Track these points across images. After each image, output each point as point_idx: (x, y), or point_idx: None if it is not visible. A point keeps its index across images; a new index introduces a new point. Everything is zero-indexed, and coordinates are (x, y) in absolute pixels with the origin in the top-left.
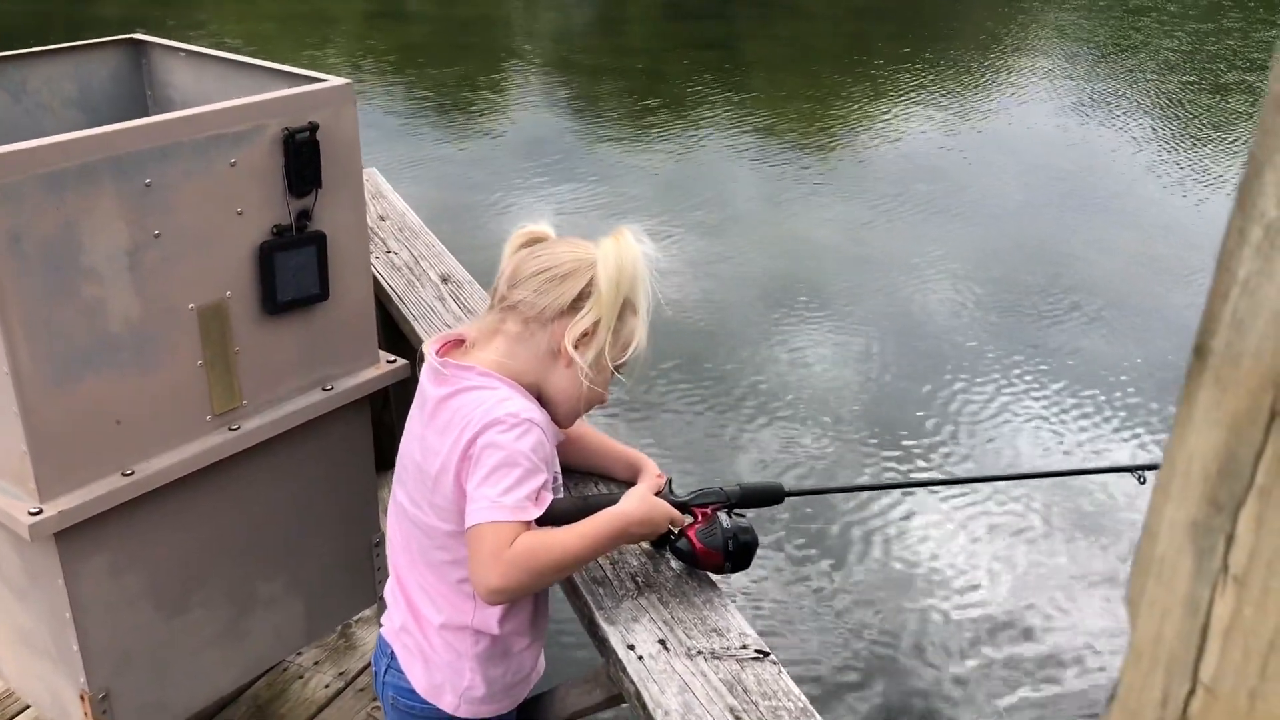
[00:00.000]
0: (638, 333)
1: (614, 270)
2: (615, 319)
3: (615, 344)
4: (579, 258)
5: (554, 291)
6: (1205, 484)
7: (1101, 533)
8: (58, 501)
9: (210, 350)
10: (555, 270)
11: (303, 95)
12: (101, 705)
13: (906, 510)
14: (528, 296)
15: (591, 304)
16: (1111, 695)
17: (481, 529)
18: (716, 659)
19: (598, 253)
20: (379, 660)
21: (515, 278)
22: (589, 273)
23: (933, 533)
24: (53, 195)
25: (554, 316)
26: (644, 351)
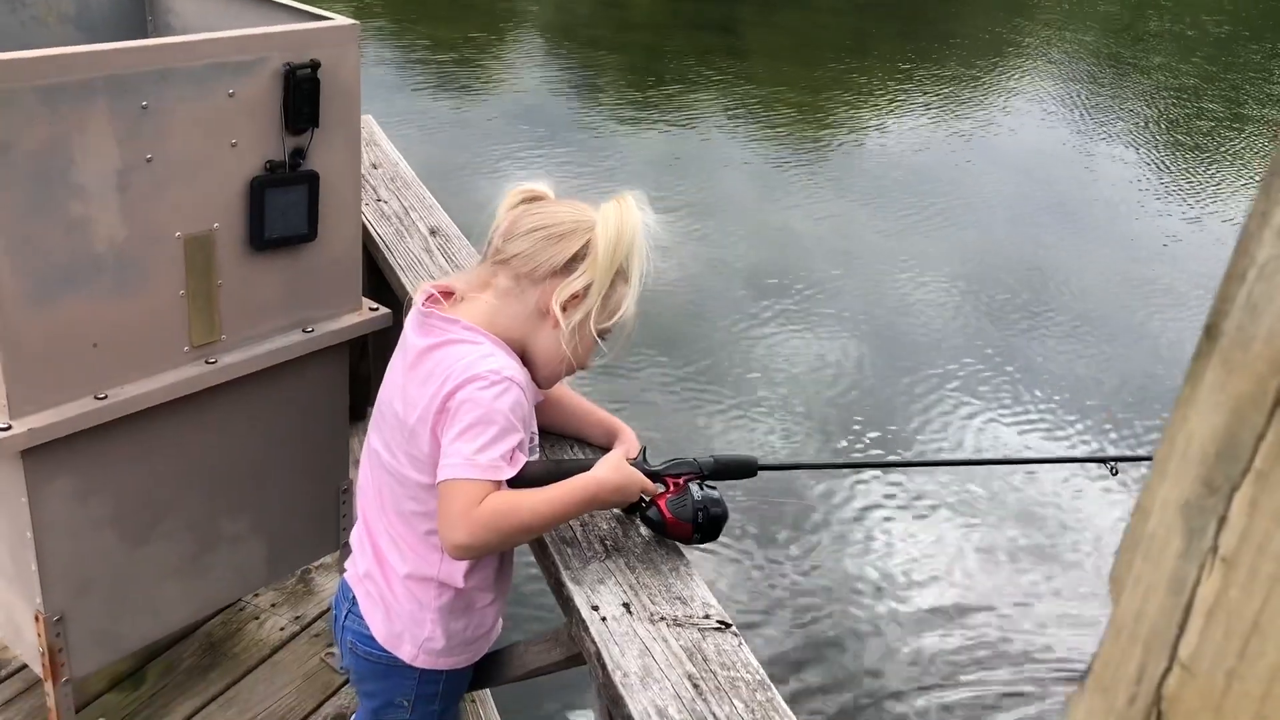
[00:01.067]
0: (626, 301)
1: (613, 234)
2: (607, 284)
3: (603, 310)
4: (577, 219)
5: (549, 250)
6: (1202, 465)
7: (1062, 525)
8: (27, 419)
9: (193, 281)
10: (553, 229)
11: (308, 31)
12: (56, 628)
13: (875, 492)
14: (522, 252)
15: (585, 266)
16: (1087, 669)
17: (453, 485)
18: (679, 626)
19: (598, 215)
20: (339, 605)
21: (511, 232)
22: (586, 234)
23: (900, 515)
24: (46, 108)
25: (546, 275)
26: (630, 321)
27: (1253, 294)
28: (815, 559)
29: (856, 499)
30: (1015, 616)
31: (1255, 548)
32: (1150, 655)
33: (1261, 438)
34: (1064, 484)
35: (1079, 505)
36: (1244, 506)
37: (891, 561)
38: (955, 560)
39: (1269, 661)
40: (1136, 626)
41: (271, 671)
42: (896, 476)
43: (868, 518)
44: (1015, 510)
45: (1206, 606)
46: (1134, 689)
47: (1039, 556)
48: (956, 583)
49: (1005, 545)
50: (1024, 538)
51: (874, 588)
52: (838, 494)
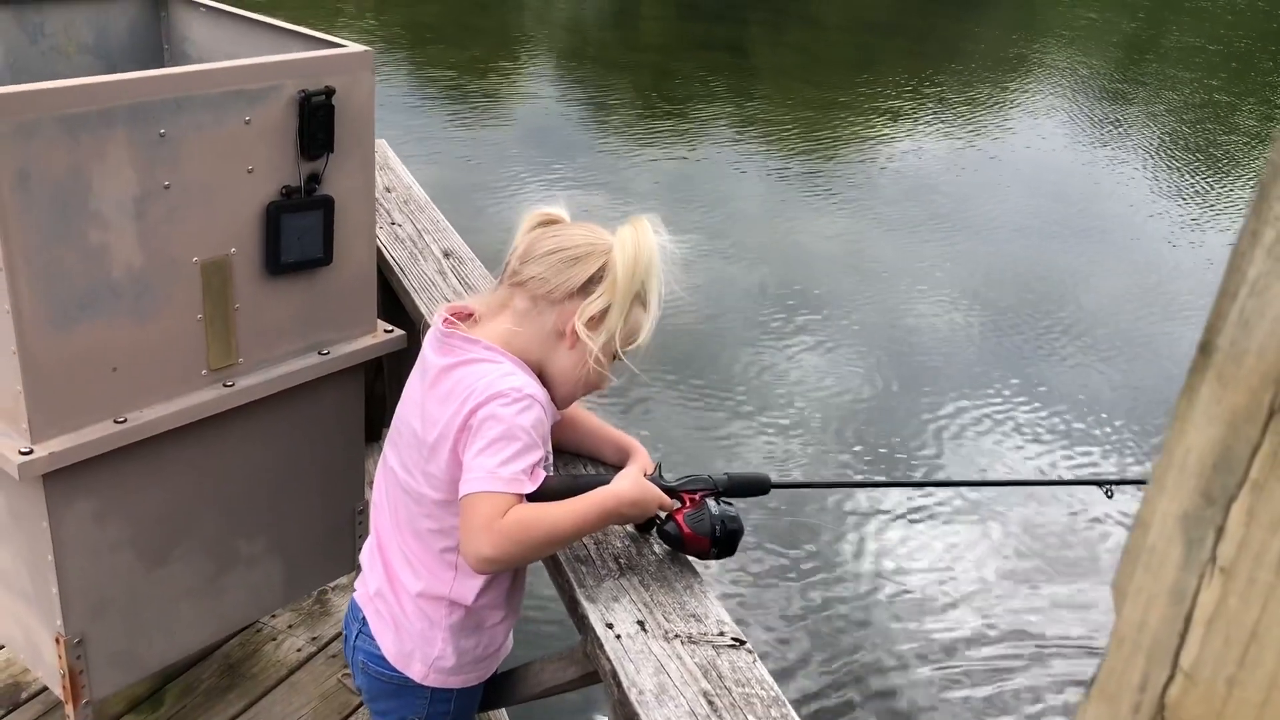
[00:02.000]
0: (644, 323)
1: (631, 257)
2: (628, 307)
3: (623, 329)
4: (593, 242)
5: (567, 272)
6: (1200, 477)
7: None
8: (49, 443)
9: (211, 305)
10: (570, 251)
11: (322, 59)
12: (76, 650)
13: (888, 510)
14: (539, 274)
15: (604, 289)
16: (1092, 680)
17: (476, 498)
18: (693, 644)
19: (615, 240)
20: (350, 625)
21: (528, 255)
22: (603, 258)
23: (911, 534)
24: (66, 137)
25: (564, 297)
26: (646, 343)
27: (1245, 310)
28: (827, 577)
29: (868, 517)
30: (1035, 636)
31: (1253, 557)
32: (1153, 664)
33: (1257, 450)
34: (1081, 502)
35: (1095, 523)
36: (1241, 517)
37: (904, 579)
38: (970, 579)
39: (1268, 669)
40: (1139, 636)
41: (289, 692)
42: (906, 495)
43: (879, 536)
44: (1027, 528)
45: (1206, 616)
46: (1138, 697)
47: (1057, 575)
48: (971, 601)
49: (1019, 564)
50: (1039, 556)
51: (887, 605)
52: (849, 512)
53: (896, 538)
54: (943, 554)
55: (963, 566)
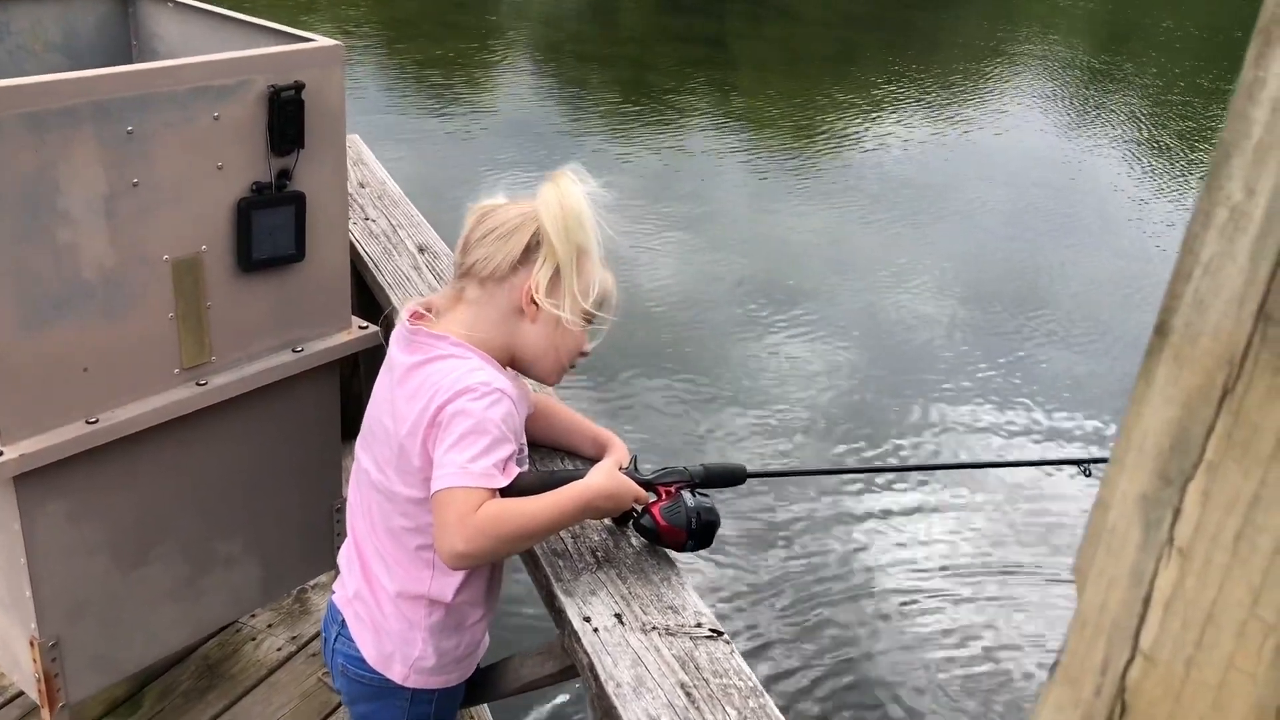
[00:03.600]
0: (597, 273)
1: (558, 214)
2: (572, 263)
3: (580, 288)
4: (523, 212)
5: (504, 248)
6: (1157, 458)
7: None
8: (20, 445)
9: (183, 304)
10: (502, 228)
11: (291, 54)
12: (51, 653)
13: (867, 498)
14: (480, 257)
15: (544, 253)
16: (1055, 663)
17: (448, 494)
18: (671, 635)
19: (538, 201)
20: (329, 627)
21: (468, 243)
22: (534, 224)
23: (892, 522)
24: (32, 135)
25: (509, 272)
26: (613, 293)
27: (1199, 291)
28: (806, 566)
29: (845, 505)
30: (1012, 620)
31: (1209, 538)
32: (1114, 646)
33: (1211, 430)
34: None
35: (1072, 506)
36: (1197, 498)
37: (882, 567)
38: (950, 565)
39: (1224, 651)
40: (1100, 618)
41: (269, 692)
42: (886, 481)
43: (859, 524)
44: (1009, 513)
45: (1165, 597)
46: (1099, 679)
47: (1042, 560)
48: (953, 588)
49: (1002, 550)
50: (1015, 538)
51: (865, 594)
52: (827, 501)
53: (877, 526)
54: (924, 541)
55: (943, 553)
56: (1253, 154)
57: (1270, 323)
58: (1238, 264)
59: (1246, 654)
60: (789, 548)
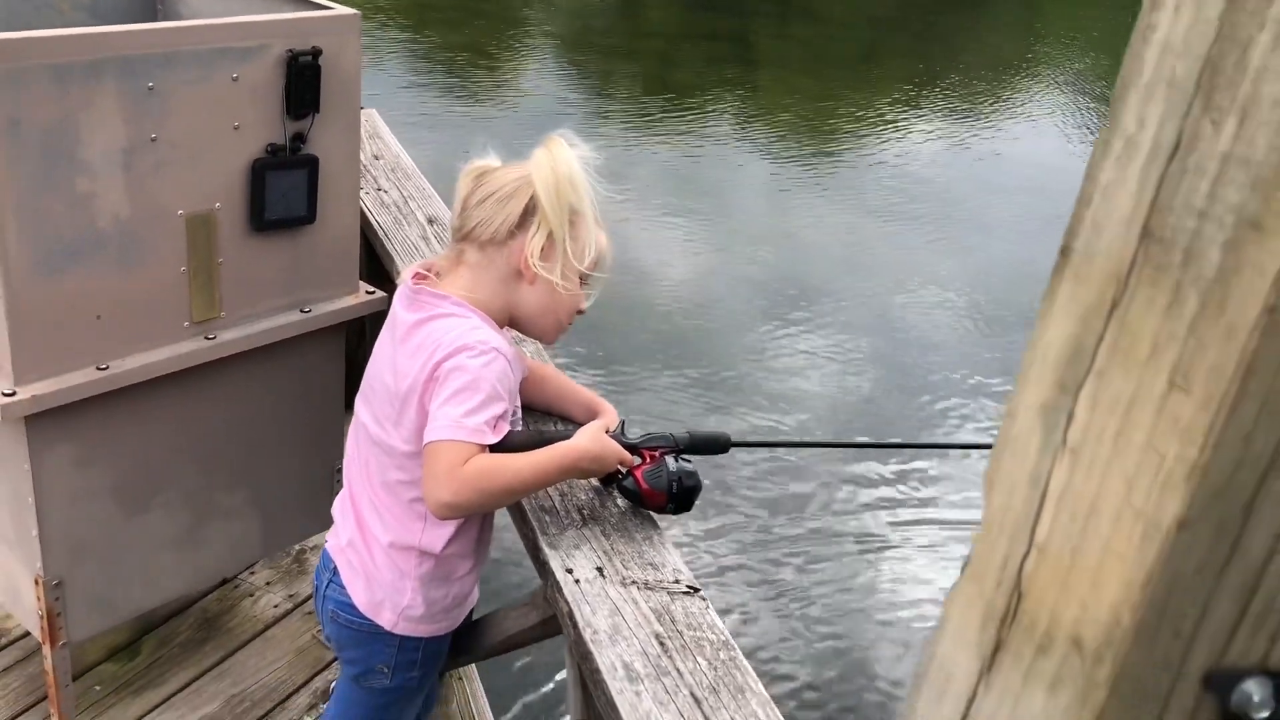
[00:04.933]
0: (592, 234)
1: (550, 179)
2: (565, 227)
3: (574, 250)
4: (518, 176)
5: (501, 212)
6: (1057, 369)
7: None
8: (32, 386)
9: (195, 259)
10: (499, 191)
11: (310, 19)
12: (55, 592)
13: (851, 473)
14: (479, 220)
15: (539, 218)
16: (964, 564)
17: (439, 445)
18: (649, 589)
19: (531, 166)
20: (320, 575)
21: (465, 207)
22: (530, 189)
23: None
24: (57, 86)
25: (506, 236)
26: (607, 252)
27: (1096, 214)
28: (792, 538)
29: (833, 480)
30: None
31: (1095, 437)
32: (1013, 543)
33: (1100, 340)
34: None
35: None
36: (1088, 402)
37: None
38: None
39: (1103, 536)
40: (1004, 519)
41: (264, 646)
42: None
43: (846, 497)
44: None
45: (1057, 493)
46: (1000, 574)
47: None
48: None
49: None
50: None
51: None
52: (815, 474)
53: (865, 499)
54: (906, 516)
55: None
56: (1144, 90)
57: (1151, 240)
58: (1128, 189)
59: (1120, 538)
60: (775, 518)
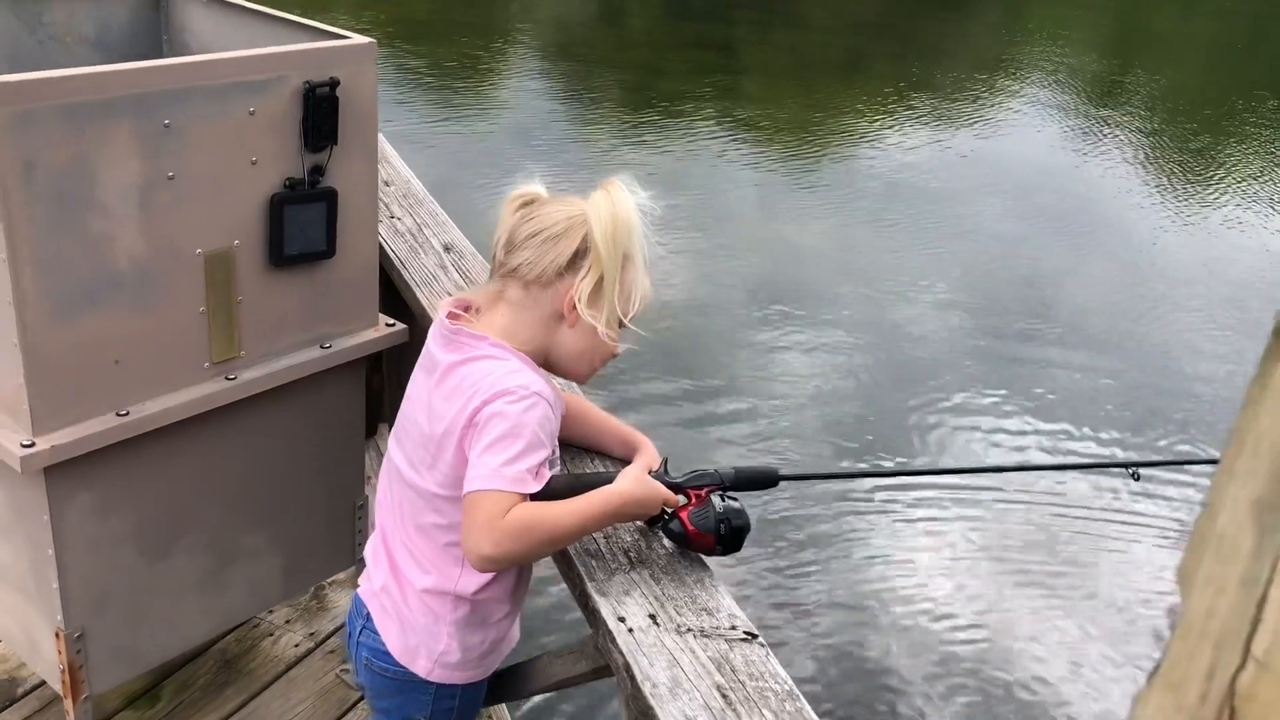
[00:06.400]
0: (640, 282)
1: (608, 224)
2: (618, 273)
3: (620, 297)
4: (571, 215)
5: (551, 252)
6: (1274, 462)
7: (1088, 535)
8: (51, 436)
9: (214, 298)
10: (549, 230)
11: (326, 50)
12: (76, 645)
13: (897, 502)
14: (526, 260)
15: (590, 261)
16: (1154, 669)
17: (480, 496)
18: (705, 637)
19: (589, 208)
20: (354, 620)
21: (511, 243)
22: (582, 229)
23: (926, 526)
24: (71, 126)
25: (554, 277)
26: (650, 300)
27: None
28: (837, 570)
29: (879, 509)
30: (1043, 631)
31: None
32: (1222, 652)
33: None
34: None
35: (1099, 515)
36: None
37: (917, 572)
38: (974, 572)
39: None
40: (1207, 624)
41: (286, 688)
42: (916, 486)
43: (888, 527)
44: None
45: None
46: (1205, 686)
47: (1071, 567)
48: (978, 594)
49: (1031, 556)
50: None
51: (898, 598)
52: (860, 504)
53: (911, 529)
54: (956, 546)
55: (972, 559)
56: None
57: None
58: None
59: None
60: (820, 550)
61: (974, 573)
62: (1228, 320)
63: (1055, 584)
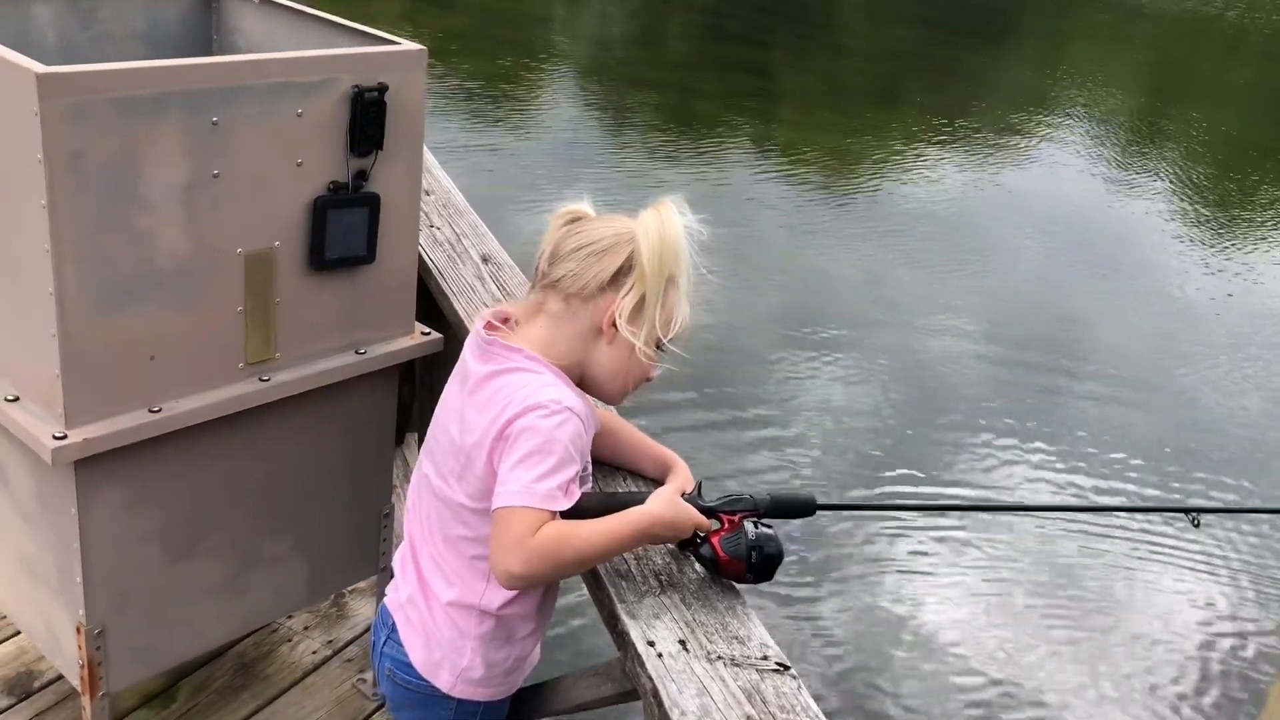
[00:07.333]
0: (680, 306)
1: (656, 243)
2: (660, 293)
3: (661, 318)
4: (618, 232)
5: (594, 267)
6: None
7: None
8: (83, 429)
9: (252, 298)
10: (595, 245)
11: (377, 54)
12: (96, 640)
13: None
14: (569, 272)
15: (634, 279)
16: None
17: (509, 512)
18: (736, 666)
19: (638, 226)
20: (379, 630)
21: (555, 255)
22: (629, 247)
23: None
24: (120, 120)
25: (595, 292)
26: (689, 325)
27: None
28: (866, 601)
29: (913, 542)
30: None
31: None
32: None
33: None
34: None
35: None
36: None
37: (951, 609)
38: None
39: None
40: None
41: (303, 695)
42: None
43: (928, 561)
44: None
45: None
46: None
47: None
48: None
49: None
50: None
51: (927, 632)
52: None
53: (945, 563)
54: (986, 582)
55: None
56: None
57: None
58: None
59: None
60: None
61: (1007, 608)
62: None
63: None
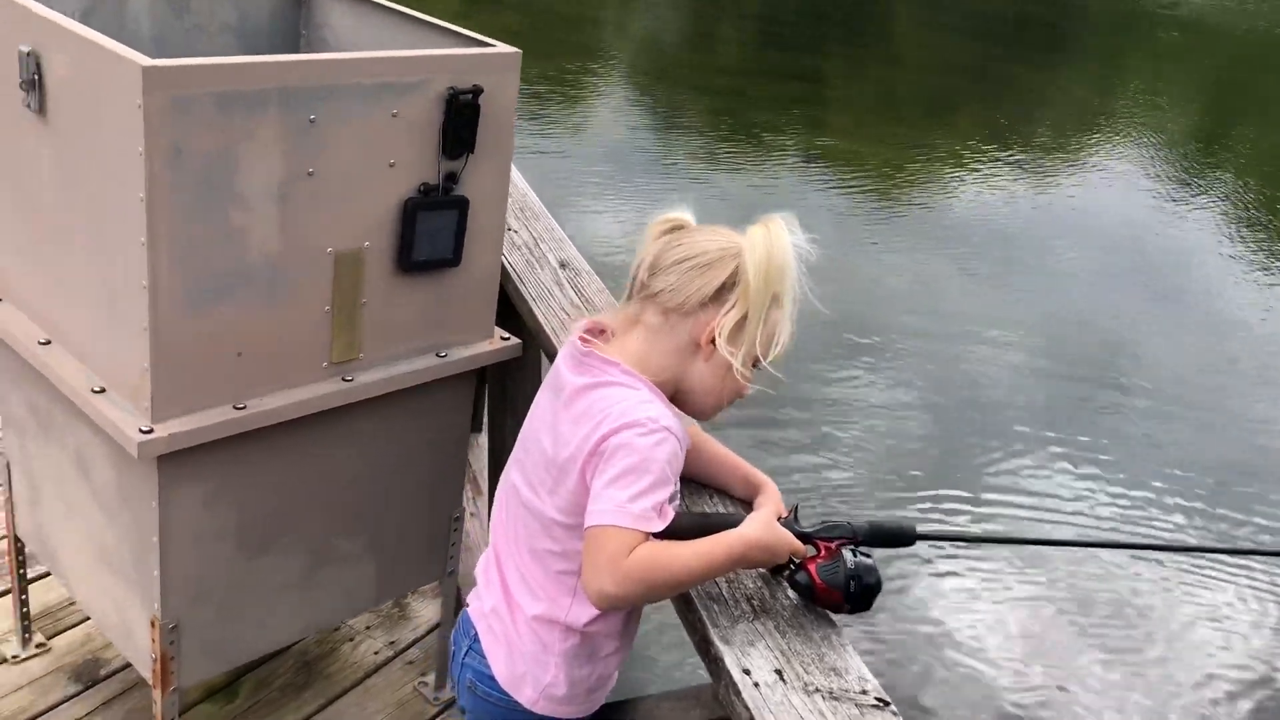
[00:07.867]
0: (783, 327)
1: (763, 261)
2: (764, 312)
3: (762, 337)
4: (723, 246)
5: (697, 281)
6: None
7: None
8: (169, 424)
9: (339, 298)
10: (699, 259)
11: (473, 56)
12: (170, 635)
13: (1022, 569)
14: (670, 285)
15: (738, 296)
16: None
17: (604, 531)
18: (835, 700)
19: (745, 242)
20: (459, 640)
21: (656, 266)
22: (733, 262)
23: (1046, 597)
24: (220, 115)
25: (696, 307)
26: (790, 346)
27: None
28: (958, 634)
29: (1000, 575)
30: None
31: None
32: None
33: None
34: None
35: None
36: None
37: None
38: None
39: None
40: None
41: (363, 696)
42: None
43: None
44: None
45: None
46: None
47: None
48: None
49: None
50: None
51: (1021, 664)
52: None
53: (1031, 598)
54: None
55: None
56: None
57: None
58: None
59: None
60: (934, 612)
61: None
62: None
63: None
